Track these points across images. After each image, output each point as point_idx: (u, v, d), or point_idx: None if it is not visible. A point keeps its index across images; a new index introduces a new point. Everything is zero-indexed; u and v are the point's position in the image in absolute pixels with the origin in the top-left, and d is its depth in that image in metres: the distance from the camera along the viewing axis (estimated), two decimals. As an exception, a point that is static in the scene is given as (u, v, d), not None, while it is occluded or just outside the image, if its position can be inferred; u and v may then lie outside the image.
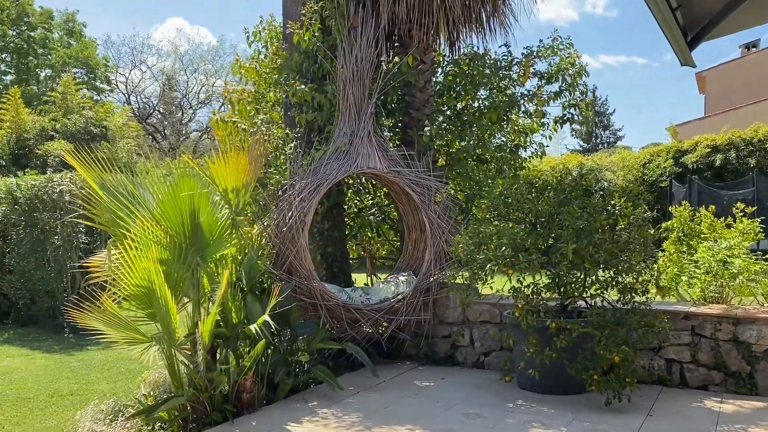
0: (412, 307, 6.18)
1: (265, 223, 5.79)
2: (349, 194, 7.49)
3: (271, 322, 4.64)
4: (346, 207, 7.33)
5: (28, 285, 10.15)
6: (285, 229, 5.65)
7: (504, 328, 5.37)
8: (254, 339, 4.96)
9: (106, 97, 34.39)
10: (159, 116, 38.73)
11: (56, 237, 9.89)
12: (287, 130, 6.52)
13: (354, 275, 7.75)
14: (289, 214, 5.66)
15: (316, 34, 6.36)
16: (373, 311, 5.98)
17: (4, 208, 10.51)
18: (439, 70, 7.64)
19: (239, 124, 6.49)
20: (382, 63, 6.73)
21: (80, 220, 5.56)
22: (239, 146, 5.60)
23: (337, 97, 6.23)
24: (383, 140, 6.33)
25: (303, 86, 6.24)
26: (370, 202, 7.52)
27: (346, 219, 7.26)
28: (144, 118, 36.49)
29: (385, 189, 7.10)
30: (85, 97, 31.00)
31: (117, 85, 37.24)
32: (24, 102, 27.61)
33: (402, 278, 6.40)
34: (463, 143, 7.05)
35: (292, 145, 6.23)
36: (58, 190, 9.92)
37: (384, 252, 7.74)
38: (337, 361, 6.18)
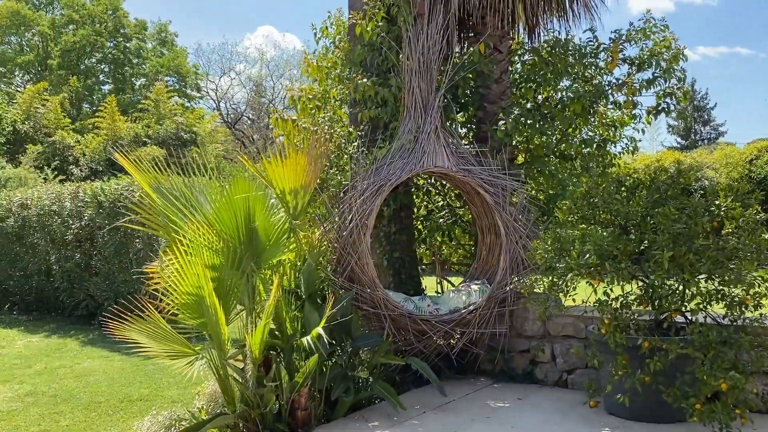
0: (486, 318, 5.64)
1: (326, 227, 5.43)
2: (420, 195, 7.03)
3: (324, 335, 4.25)
4: (415, 209, 6.88)
5: (112, 287, 10.36)
6: (345, 233, 5.26)
7: (589, 344, 4.75)
8: (311, 351, 4.60)
9: (196, 103, 35.59)
10: (248, 122, 39.70)
11: (137, 240, 10.03)
12: (350, 128, 6.14)
13: (426, 279, 7.29)
14: (350, 217, 5.27)
15: (380, 24, 5.93)
16: (442, 323, 5.49)
17: (90, 212, 10.81)
18: (517, 59, 7.04)
19: (300, 123, 6.16)
20: (454, 54, 6.21)
21: (130, 225, 5.40)
22: (299, 145, 5.29)
23: (402, 90, 5.79)
24: (452, 136, 5.83)
25: (365, 80, 5.83)
26: (441, 203, 7.02)
27: (414, 222, 6.79)
28: (233, 124, 37.50)
29: (457, 190, 6.58)
30: (177, 104, 32.15)
31: (207, 93, 38.50)
32: (120, 110, 28.94)
33: (475, 287, 5.88)
34: (543, 138, 6.43)
35: (355, 144, 5.85)
36: (137, 194, 10.05)
37: (457, 257, 7.21)
38: (404, 375, 5.74)
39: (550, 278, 4.80)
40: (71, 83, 30.60)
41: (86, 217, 10.78)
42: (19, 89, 29.74)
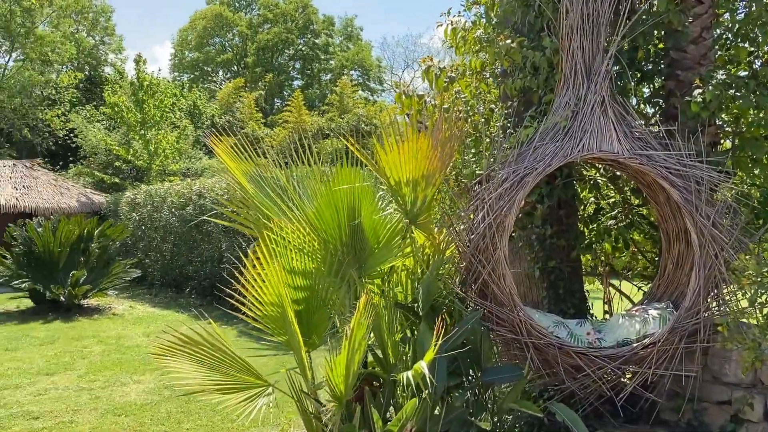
0: (668, 355, 4.20)
1: (455, 228, 4.34)
2: (587, 188, 5.61)
3: (427, 374, 3.20)
4: (580, 206, 5.49)
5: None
6: (473, 236, 4.14)
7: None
8: (418, 388, 3.58)
9: (378, 96, 35.98)
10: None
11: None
12: (493, 105, 4.94)
13: (590, 286, 5.87)
14: (481, 215, 4.13)
15: (533, -32, 4.65)
16: (605, 358, 4.14)
17: (253, 203, 10.80)
18: (724, 11, 5.32)
19: (429, 99, 5.11)
20: (634, 5, 4.73)
21: (216, 220, 4.77)
22: (422, 125, 4.28)
23: (559, 54, 4.47)
24: (627, 112, 4.39)
25: (509, 41, 4.58)
26: (614, 199, 5.54)
27: (579, 223, 5.41)
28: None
29: (635, 183, 5.09)
30: (360, 98, 32.68)
31: (391, 86, 38.77)
32: (307, 104, 29.97)
33: (654, 312, 4.43)
34: (761, 115, 4.72)
35: (499, 124, 4.66)
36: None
37: (636, 269, 5.67)
38: (554, 418, 4.49)
39: (764, 312, 3.29)
40: (266, 80, 32.41)
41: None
42: (220, 86, 32.12)
